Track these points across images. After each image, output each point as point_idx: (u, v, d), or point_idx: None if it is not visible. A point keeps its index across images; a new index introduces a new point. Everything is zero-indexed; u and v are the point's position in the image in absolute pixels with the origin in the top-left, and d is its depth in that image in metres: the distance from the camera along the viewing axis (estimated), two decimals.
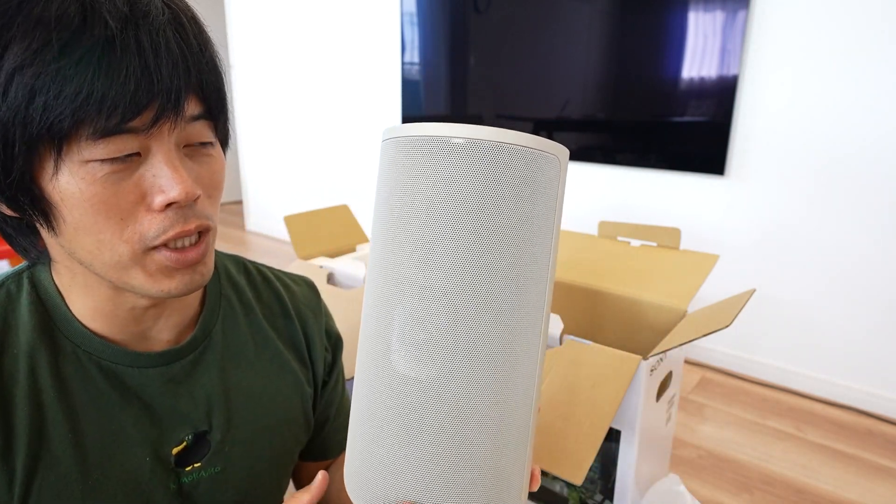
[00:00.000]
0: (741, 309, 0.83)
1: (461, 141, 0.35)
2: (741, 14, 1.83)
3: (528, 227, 0.37)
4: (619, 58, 2.14)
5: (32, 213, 0.42)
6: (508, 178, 0.35)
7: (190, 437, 0.52)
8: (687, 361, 2.18)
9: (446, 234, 0.36)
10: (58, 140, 0.38)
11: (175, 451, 0.51)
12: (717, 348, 2.14)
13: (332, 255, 1.35)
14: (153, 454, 0.49)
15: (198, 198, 0.43)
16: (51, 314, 0.47)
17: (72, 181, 0.39)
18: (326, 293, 1.17)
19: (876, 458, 1.61)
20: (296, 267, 1.26)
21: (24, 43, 0.36)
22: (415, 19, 2.70)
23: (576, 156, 2.31)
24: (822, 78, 1.77)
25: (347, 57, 3.09)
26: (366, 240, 1.48)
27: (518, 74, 2.40)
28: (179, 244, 0.43)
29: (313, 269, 1.24)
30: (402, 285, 0.38)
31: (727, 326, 0.77)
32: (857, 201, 1.78)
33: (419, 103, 2.78)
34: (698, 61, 1.94)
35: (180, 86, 0.40)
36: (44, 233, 0.44)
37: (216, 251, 0.61)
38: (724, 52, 1.88)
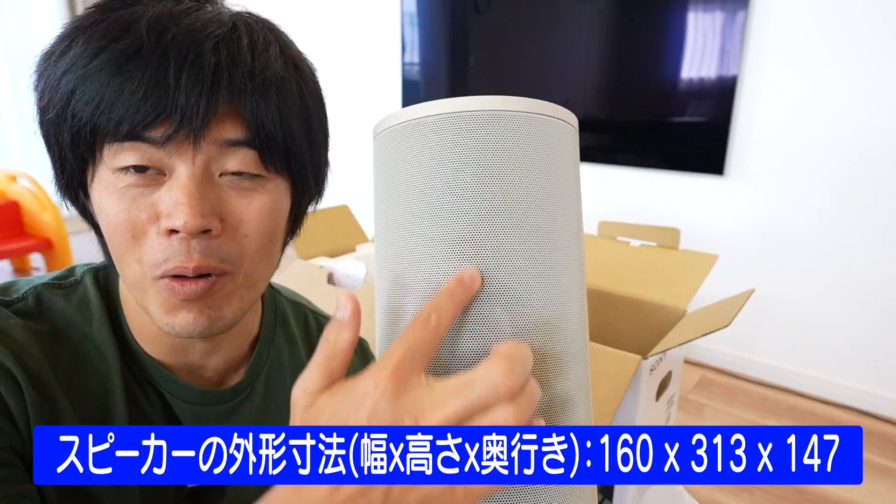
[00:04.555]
0: (741, 309, 0.83)
1: (476, 113, 0.33)
2: (741, 14, 1.83)
3: (552, 191, 0.34)
4: (619, 58, 2.14)
5: (85, 218, 0.42)
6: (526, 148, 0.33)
7: None
8: (687, 361, 2.18)
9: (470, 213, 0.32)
10: (89, 144, 0.38)
11: (191, 486, 0.49)
12: (717, 348, 2.14)
13: (332, 255, 1.35)
14: (175, 486, 0.47)
15: (208, 232, 0.38)
16: (118, 317, 0.47)
17: (100, 189, 0.39)
18: (326, 293, 1.17)
19: (876, 458, 1.61)
20: (296, 267, 1.26)
21: (77, 46, 0.37)
22: (415, 19, 2.70)
23: None
24: (821, 78, 1.77)
25: (347, 57, 3.09)
26: (366, 240, 1.48)
27: (518, 74, 2.40)
28: (181, 275, 0.39)
29: (313, 269, 1.24)
30: (415, 284, 0.34)
31: (727, 326, 0.78)
32: (856, 201, 1.78)
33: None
34: (698, 61, 1.95)
35: (203, 104, 0.37)
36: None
37: (280, 292, 0.59)
38: (723, 52, 1.88)
